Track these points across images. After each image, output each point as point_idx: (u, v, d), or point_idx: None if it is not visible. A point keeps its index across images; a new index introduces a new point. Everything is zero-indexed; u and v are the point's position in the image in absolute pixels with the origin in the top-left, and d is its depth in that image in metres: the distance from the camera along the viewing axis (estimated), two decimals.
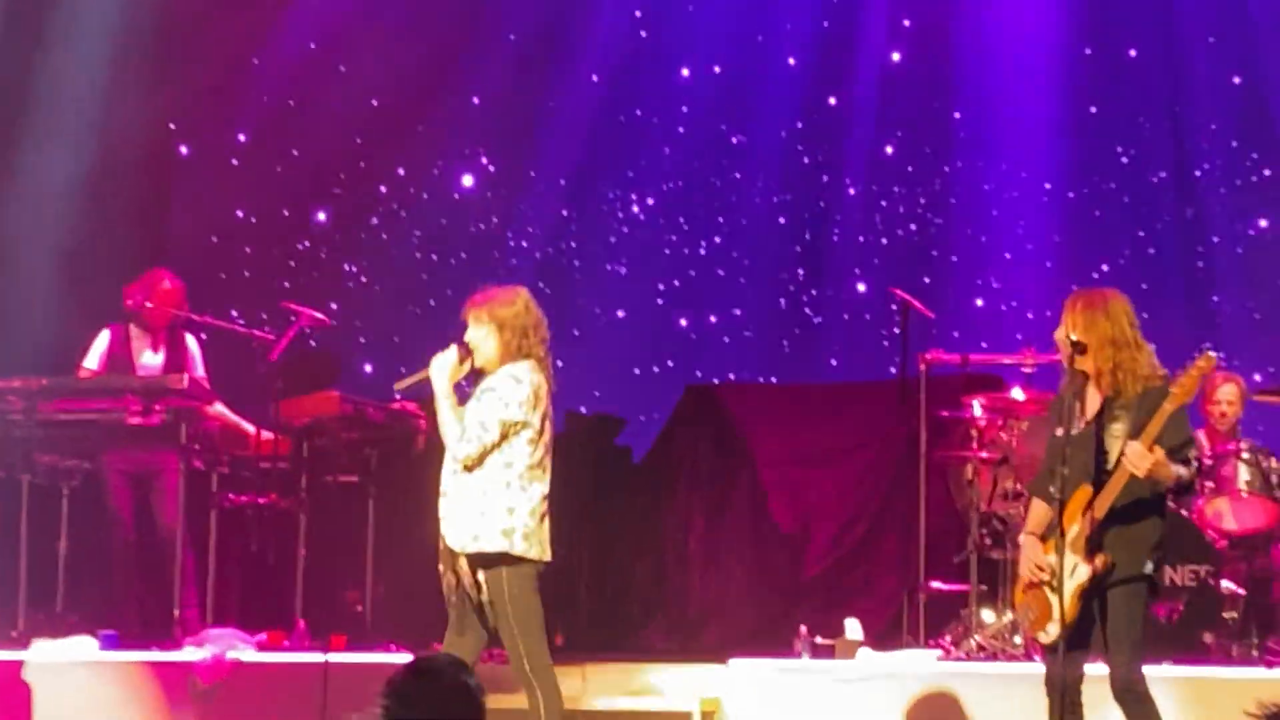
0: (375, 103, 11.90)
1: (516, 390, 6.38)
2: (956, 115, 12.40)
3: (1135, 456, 6.02)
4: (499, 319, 6.51)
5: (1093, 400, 6.22)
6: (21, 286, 11.01)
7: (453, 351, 6.54)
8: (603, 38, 12.61)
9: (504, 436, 6.41)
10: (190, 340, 9.29)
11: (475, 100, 12.27)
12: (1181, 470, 6.15)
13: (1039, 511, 6.42)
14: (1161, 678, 6.88)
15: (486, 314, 6.53)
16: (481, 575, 6.44)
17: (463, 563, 6.45)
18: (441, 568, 6.51)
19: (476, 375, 6.58)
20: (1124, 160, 12.08)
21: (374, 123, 12.01)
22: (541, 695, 6.48)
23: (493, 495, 6.42)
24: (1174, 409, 6.25)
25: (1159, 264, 12.11)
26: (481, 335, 6.48)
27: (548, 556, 6.53)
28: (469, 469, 6.46)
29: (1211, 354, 6.30)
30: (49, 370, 9.29)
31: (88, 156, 10.99)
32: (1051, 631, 6.23)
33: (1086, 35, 12.04)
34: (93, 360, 9.13)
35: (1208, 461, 8.26)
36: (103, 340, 9.18)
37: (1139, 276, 11.42)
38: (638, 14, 12.41)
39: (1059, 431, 6.35)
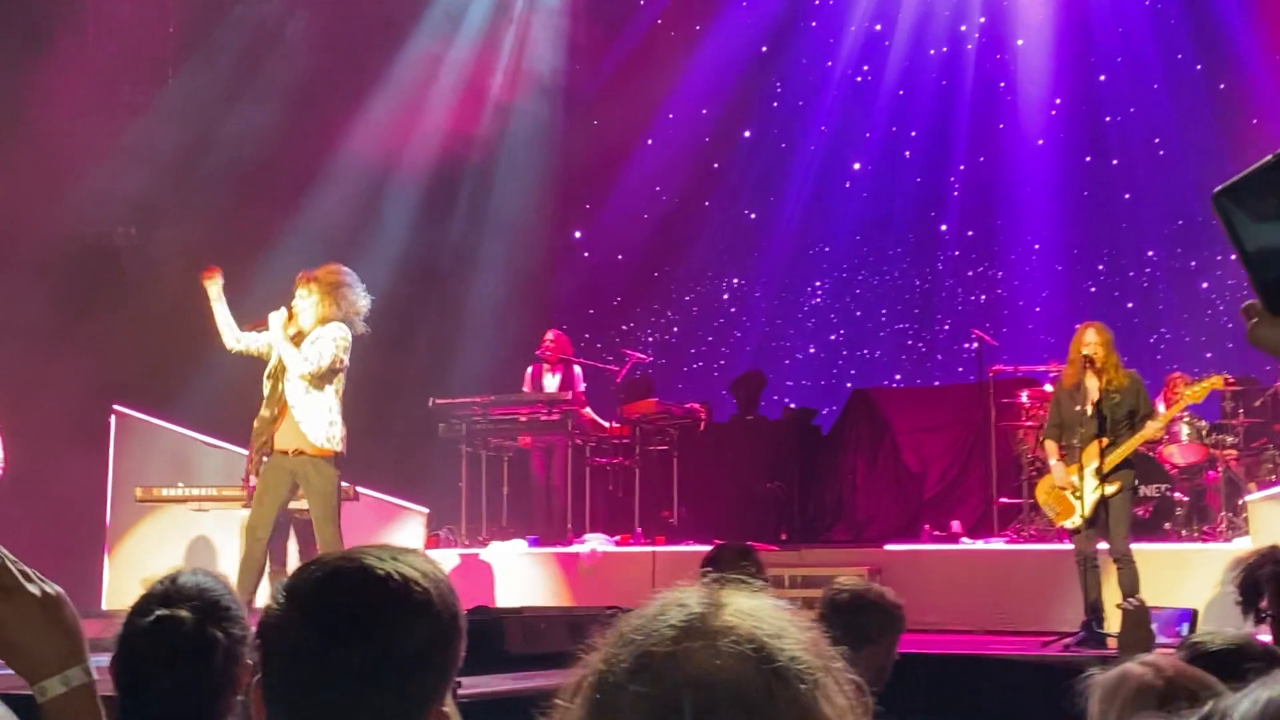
0: None
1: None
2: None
3: (1152, 431, 7.72)
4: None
5: (1091, 388, 7.66)
6: (473, 338, 13.12)
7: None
8: None
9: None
10: (577, 370, 11.46)
11: None
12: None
13: (1054, 449, 7.91)
14: (1138, 550, 7.94)
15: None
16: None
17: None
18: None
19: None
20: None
21: None
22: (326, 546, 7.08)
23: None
24: (1173, 411, 8.17)
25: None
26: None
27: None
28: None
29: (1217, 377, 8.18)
30: (490, 389, 11.51)
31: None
32: (1076, 521, 7.74)
33: None
34: (525, 384, 11.43)
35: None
36: (529, 372, 11.49)
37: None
38: None
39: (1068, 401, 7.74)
